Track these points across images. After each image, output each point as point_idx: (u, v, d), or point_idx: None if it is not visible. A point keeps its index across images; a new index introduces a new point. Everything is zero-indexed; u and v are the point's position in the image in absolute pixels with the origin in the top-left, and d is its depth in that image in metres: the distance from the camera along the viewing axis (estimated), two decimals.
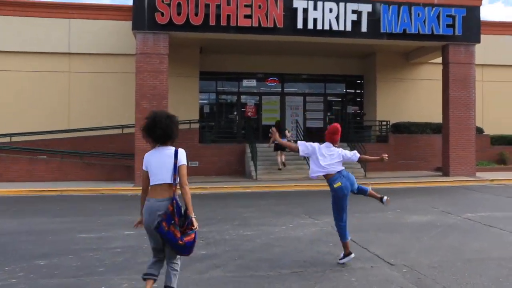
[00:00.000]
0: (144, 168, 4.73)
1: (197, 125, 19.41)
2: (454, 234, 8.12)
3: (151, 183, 4.64)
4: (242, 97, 22.33)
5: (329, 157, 6.36)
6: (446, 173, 17.69)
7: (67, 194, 14.66)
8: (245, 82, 22.12)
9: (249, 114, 22.10)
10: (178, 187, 4.65)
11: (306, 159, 17.98)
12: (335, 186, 6.28)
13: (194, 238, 4.59)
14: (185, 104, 19.66)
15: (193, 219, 4.57)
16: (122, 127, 18.88)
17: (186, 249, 4.57)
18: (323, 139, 6.61)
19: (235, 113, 22.28)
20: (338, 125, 6.54)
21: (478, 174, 17.70)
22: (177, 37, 16.80)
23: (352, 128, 21.12)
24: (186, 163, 4.66)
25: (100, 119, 19.20)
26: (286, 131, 18.40)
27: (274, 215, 10.30)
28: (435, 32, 16.76)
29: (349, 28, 16.37)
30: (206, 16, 15.67)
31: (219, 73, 21.76)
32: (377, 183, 15.86)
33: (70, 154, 17.98)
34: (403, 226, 8.96)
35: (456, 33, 16.90)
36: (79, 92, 19.50)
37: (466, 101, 17.54)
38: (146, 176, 4.70)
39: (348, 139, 19.98)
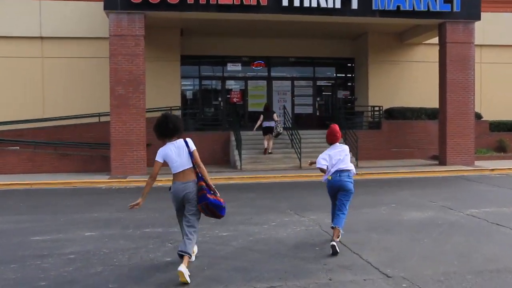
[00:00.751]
0: (159, 159, 5.63)
1: (178, 112, 18.23)
2: (459, 235, 7.08)
3: (174, 171, 5.62)
4: (227, 82, 21.16)
5: (332, 155, 6.60)
6: (442, 162, 16.67)
7: (37, 187, 13.57)
8: (230, 66, 20.90)
9: (235, 100, 20.96)
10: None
11: (294, 147, 16.95)
12: (328, 177, 6.53)
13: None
14: (166, 89, 18.52)
15: (214, 187, 5.66)
16: (99, 115, 17.71)
17: (225, 209, 5.70)
18: (312, 125, 6.80)
19: (220, 99, 21.12)
20: (333, 127, 6.88)
21: (476, 162, 16.68)
22: (155, 18, 15.61)
23: (343, 114, 20.04)
24: (195, 148, 5.68)
25: (77, 107, 18.06)
26: (275, 115, 17.34)
27: (256, 211, 9.26)
28: (431, 9, 15.57)
29: (338, 5, 15.19)
30: None
31: (202, 57, 20.54)
32: (370, 173, 14.90)
33: (43, 144, 16.81)
34: (400, 224, 7.92)
35: (454, 9, 15.71)
36: (53, 79, 18.33)
37: (464, 84, 16.43)
38: (159, 166, 5.64)
39: (339, 126, 18.91)
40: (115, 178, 14.43)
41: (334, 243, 6.18)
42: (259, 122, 17.24)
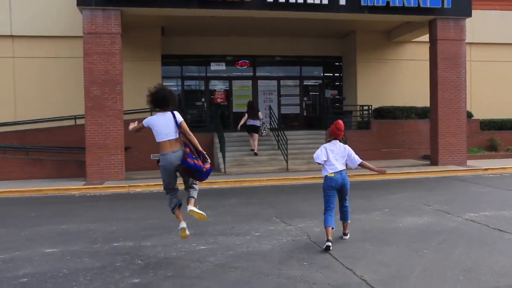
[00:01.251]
0: (144, 123, 6.14)
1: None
2: (461, 245, 6.39)
3: (160, 140, 6.00)
4: (211, 82, 20.40)
5: (333, 152, 6.56)
6: (434, 162, 16.08)
7: (3, 196, 12.56)
8: (214, 66, 20.12)
9: (219, 100, 20.20)
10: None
11: (281, 148, 16.23)
12: (328, 175, 6.46)
13: (210, 166, 6.09)
14: (146, 90, 17.45)
15: (204, 153, 6.08)
16: (75, 117, 16.81)
17: (207, 174, 6.02)
18: (299, 125, 6.45)
19: (203, 100, 20.32)
20: (340, 122, 6.70)
21: (469, 162, 16.13)
22: (133, 15, 14.82)
23: (331, 114, 19.37)
24: (183, 119, 6.08)
25: (51, 110, 17.07)
26: (259, 113, 16.64)
27: (239, 220, 8.51)
28: (421, 5, 14.98)
29: (325, 1, 14.52)
30: None
31: (184, 56, 19.74)
32: (360, 174, 14.15)
33: (13, 149, 15.82)
34: (396, 232, 7.22)
35: (445, 5, 15.14)
36: (26, 80, 17.35)
37: (456, 82, 15.87)
38: (141, 127, 6.30)
39: (327, 126, 18.29)
40: (90, 184, 13.57)
41: (346, 237, 6.80)
42: (243, 120, 16.51)
